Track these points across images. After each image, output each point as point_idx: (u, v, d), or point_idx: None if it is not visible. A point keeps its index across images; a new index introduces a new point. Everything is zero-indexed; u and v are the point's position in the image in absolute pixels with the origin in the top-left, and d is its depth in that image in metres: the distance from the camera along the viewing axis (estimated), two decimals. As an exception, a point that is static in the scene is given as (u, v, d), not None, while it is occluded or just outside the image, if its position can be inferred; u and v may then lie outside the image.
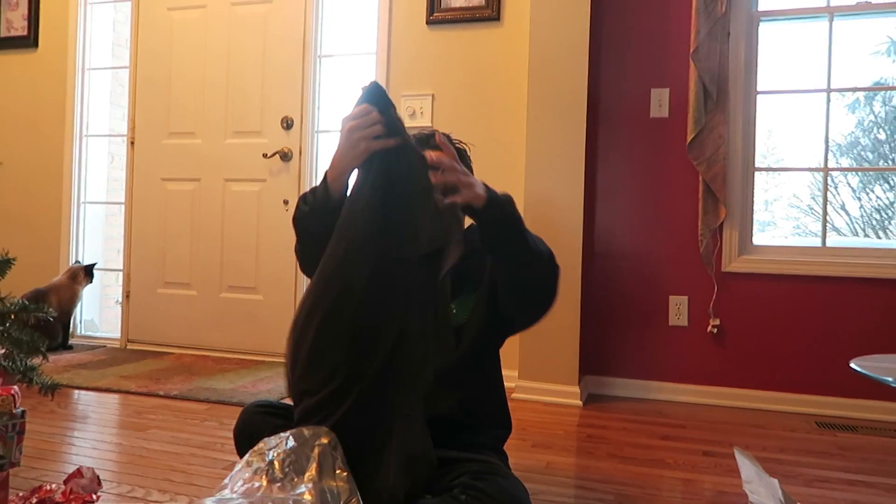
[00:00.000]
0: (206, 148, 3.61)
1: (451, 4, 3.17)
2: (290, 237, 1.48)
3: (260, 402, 1.50)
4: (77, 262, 3.68)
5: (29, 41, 3.90)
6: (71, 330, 3.68)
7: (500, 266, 1.33)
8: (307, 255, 1.41)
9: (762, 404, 2.77)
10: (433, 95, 3.19)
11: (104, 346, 3.68)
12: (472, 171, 1.47)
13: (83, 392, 2.65)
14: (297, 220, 1.39)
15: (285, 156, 3.42)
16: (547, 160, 2.78)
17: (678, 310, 2.89)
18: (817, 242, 2.90)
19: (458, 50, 3.18)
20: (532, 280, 1.32)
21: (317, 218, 1.34)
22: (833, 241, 3.03)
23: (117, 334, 3.77)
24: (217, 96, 3.58)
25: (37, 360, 1.70)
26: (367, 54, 3.38)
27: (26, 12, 3.90)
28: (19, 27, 3.92)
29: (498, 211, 1.24)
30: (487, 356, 1.47)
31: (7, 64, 3.97)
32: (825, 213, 2.90)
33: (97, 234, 4.03)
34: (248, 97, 3.51)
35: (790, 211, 3.30)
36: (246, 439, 1.33)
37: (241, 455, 1.27)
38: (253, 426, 1.40)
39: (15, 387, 1.61)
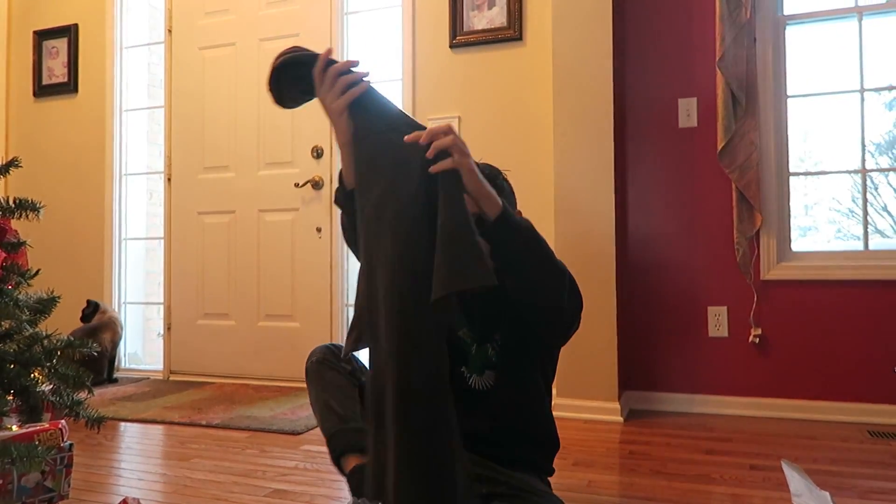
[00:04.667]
0: (240, 180, 3.69)
1: (474, 27, 3.20)
2: (325, 264, 1.52)
3: (327, 351, 1.50)
4: (90, 301, 3.66)
5: (69, 87, 4.06)
6: (116, 364, 3.77)
7: (514, 284, 1.21)
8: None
9: (811, 414, 2.69)
10: (459, 118, 3.22)
11: (148, 378, 3.76)
12: (513, 201, 1.41)
13: (128, 424, 2.71)
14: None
15: (316, 184, 3.48)
16: (576, 176, 2.77)
17: (718, 320, 2.84)
18: (859, 246, 2.82)
19: (482, 71, 3.21)
20: (547, 295, 1.23)
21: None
22: (876, 243, 2.94)
23: (160, 366, 3.84)
24: (249, 130, 3.67)
25: (83, 395, 1.75)
26: (392, 80, 3.43)
27: (66, 60, 4.07)
28: (60, 74, 4.09)
29: (512, 222, 1.15)
30: (530, 383, 1.42)
31: (49, 109, 4.13)
32: (866, 215, 2.83)
33: (138, 269, 4.14)
34: (279, 129, 3.59)
35: (831, 215, 3.23)
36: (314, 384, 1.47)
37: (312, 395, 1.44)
38: (321, 378, 1.48)
39: (63, 421, 1.66)
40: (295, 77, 1.18)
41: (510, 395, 1.36)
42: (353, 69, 1.18)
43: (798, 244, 2.89)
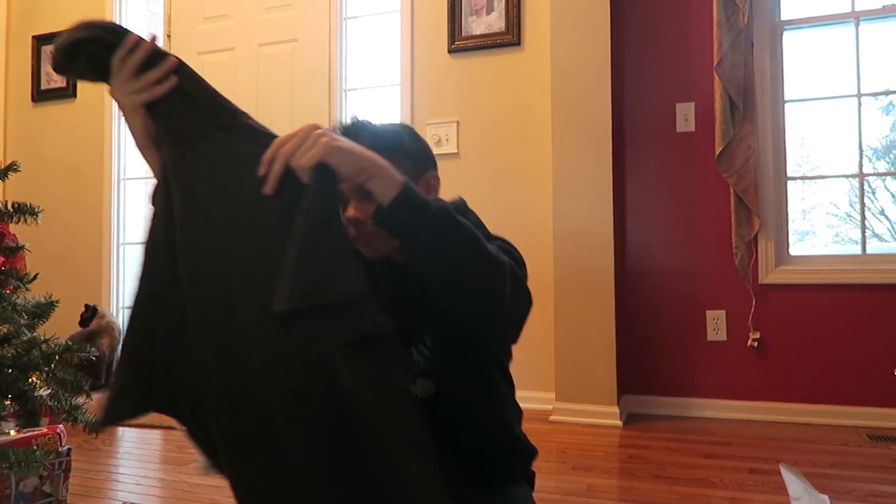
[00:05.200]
0: (239, 185, 3.69)
1: (472, 32, 3.21)
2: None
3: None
4: (88, 305, 3.69)
5: (68, 92, 4.07)
6: (114, 368, 3.75)
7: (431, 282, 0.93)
8: None
9: (810, 418, 2.69)
10: (458, 122, 3.22)
11: (146, 384, 3.74)
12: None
13: (126, 428, 2.70)
14: None
15: (315, 189, 3.48)
16: (574, 181, 2.78)
17: (716, 324, 2.84)
18: (857, 250, 2.83)
19: (481, 76, 3.21)
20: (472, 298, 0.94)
21: None
22: (874, 247, 2.95)
23: (159, 371, 3.83)
24: (247, 134, 3.67)
25: (81, 399, 1.75)
26: (391, 85, 3.44)
27: (65, 64, 4.07)
28: (58, 79, 4.09)
29: (417, 201, 0.86)
30: (482, 384, 1.19)
31: (48, 114, 4.14)
32: (863, 219, 2.83)
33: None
34: (277, 133, 3.59)
35: (829, 219, 3.23)
36: None
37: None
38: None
39: (61, 426, 1.65)
40: (92, 55, 0.96)
41: (457, 404, 1.14)
42: (158, 47, 0.95)
43: (796, 248, 2.89)
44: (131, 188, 4.10)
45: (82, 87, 4.05)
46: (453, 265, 0.90)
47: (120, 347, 0.91)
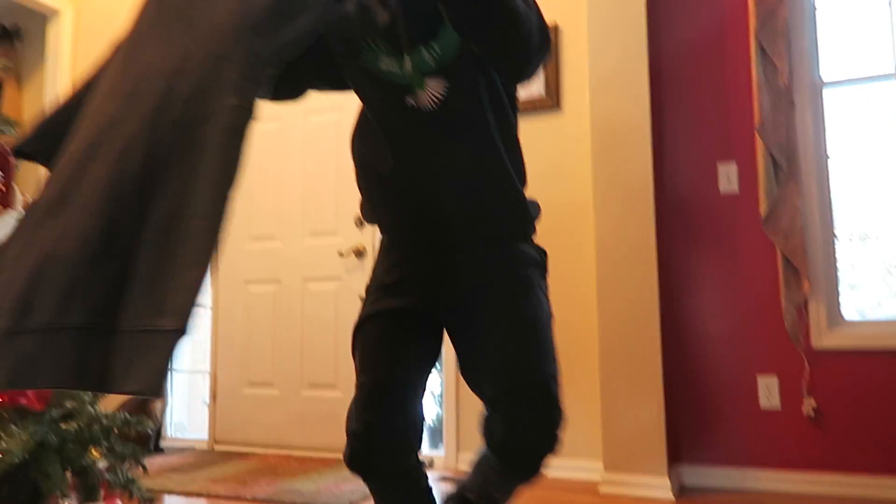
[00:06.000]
0: (286, 249, 3.78)
1: (511, 99, 3.28)
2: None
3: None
4: None
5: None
6: (161, 432, 3.81)
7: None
8: None
9: (874, 492, 2.56)
10: (499, 187, 3.26)
11: (193, 448, 3.78)
12: None
13: (176, 498, 2.72)
14: None
15: (360, 253, 3.55)
16: (617, 243, 2.77)
17: (768, 391, 2.75)
18: (915, 312, 2.74)
19: (522, 140, 3.26)
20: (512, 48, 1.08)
21: None
22: (932, 308, 2.85)
23: (205, 435, 3.87)
24: (294, 200, 3.78)
25: (138, 472, 1.79)
26: (433, 152, 3.51)
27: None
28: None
29: None
30: (496, 101, 1.29)
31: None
32: (919, 279, 2.75)
33: (185, 337, 4.22)
34: (323, 199, 3.69)
35: (882, 275, 3.15)
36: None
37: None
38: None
39: (118, 500, 1.68)
40: None
41: (463, 106, 1.21)
42: None
43: (849, 307, 2.80)
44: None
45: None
46: (491, 27, 1.02)
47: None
